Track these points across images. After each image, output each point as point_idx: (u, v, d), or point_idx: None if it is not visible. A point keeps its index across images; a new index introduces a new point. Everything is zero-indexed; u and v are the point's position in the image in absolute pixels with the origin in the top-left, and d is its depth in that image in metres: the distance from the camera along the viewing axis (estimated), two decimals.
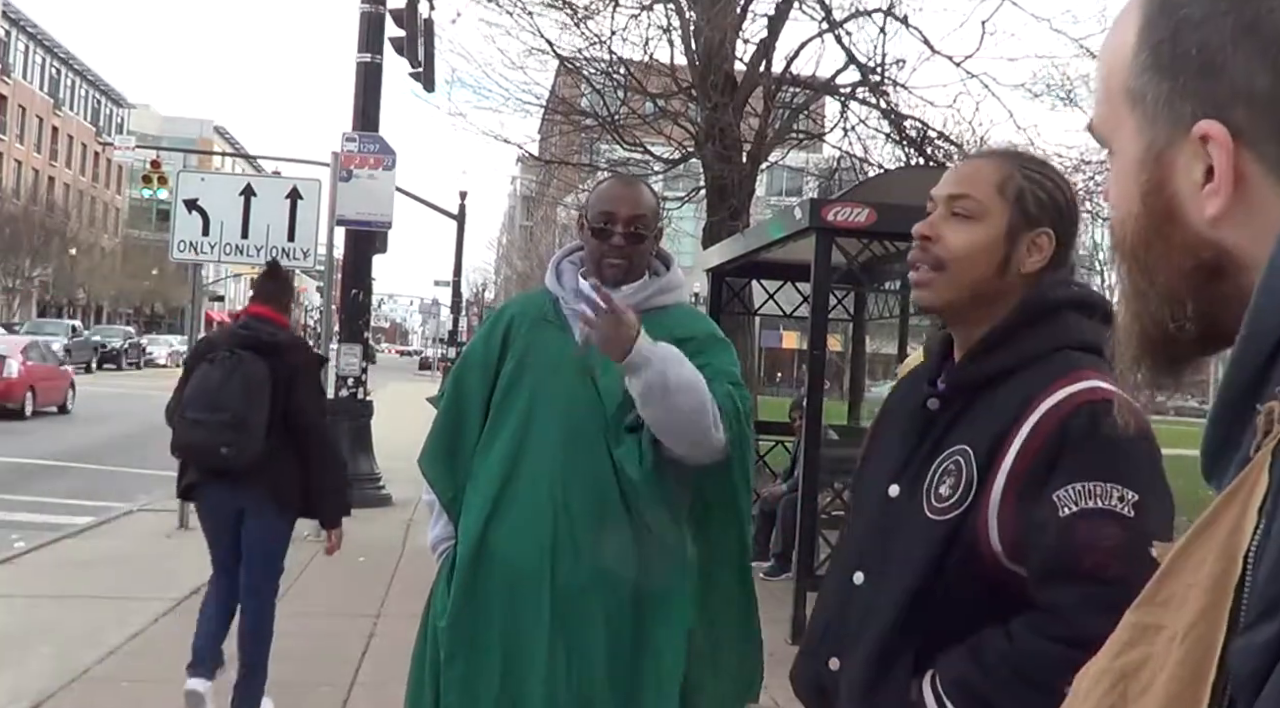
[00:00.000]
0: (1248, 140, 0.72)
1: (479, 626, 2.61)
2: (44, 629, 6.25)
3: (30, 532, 9.42)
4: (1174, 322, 0.77)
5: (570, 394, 2.62)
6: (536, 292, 2.88)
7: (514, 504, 2.61)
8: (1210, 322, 0.75)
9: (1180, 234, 0.75)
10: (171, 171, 18.83)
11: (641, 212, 2.70)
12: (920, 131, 13.84)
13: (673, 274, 2.81)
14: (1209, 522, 0.69)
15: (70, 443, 16.53)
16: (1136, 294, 0.79)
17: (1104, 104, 0.80)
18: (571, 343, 2.63)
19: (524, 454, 2.62)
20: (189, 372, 4.82)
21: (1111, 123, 0.79)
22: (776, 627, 6.80)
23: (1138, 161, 0.77)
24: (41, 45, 62.97)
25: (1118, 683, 0.74)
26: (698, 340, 2.66)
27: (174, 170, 13.84)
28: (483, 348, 2.78)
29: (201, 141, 70.73)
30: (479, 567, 2.62)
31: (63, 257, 57.15)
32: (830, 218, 6.59)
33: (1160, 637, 0.71)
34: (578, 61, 14.99)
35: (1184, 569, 0.71)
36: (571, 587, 2.56)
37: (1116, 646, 0.76)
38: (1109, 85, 0.79)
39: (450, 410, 2.79)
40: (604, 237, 2.67)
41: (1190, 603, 0.69)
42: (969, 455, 1.57)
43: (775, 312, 10.58)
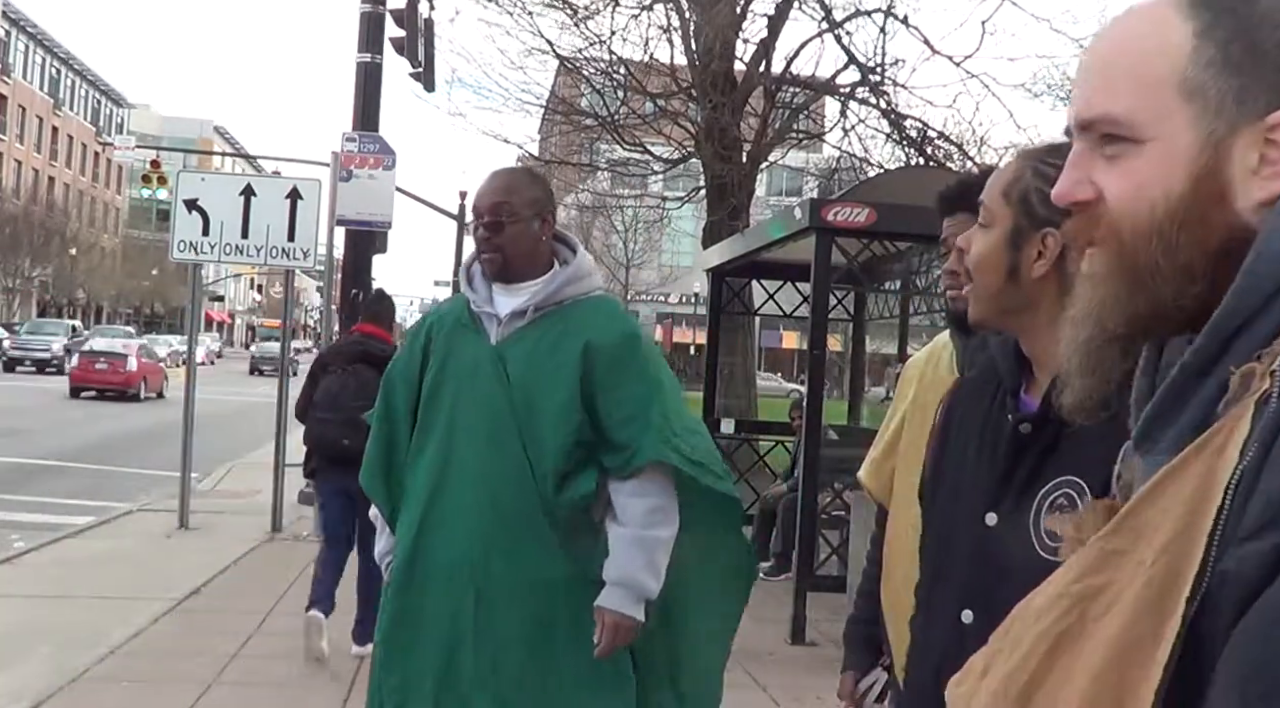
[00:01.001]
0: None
1: (415, 633, 2.63)
2: (44, 629, 6.24)
3: (30, 532, 9.42)
4: (1175, 300, 0.84)
5: (488, 397, 2.62)
6: (457, 298, 2.86)
7: (444, 510, 2.62)
8: (1203, 304, 0.82)
9: (1221, 215, 0.82)
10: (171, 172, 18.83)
11: (502, 199, 2.65)
12: (920, 131, 13.83)
13: (580, 262, 2.76)
14: (1179, 466, 0.77)
15: (70, 443, 16.52)
16: (1146, 270, 0.84)
17: (1140, 96, 0.85)
18: (486, 345, 2.65)
19: (450, 460, 2.63)
20: (314, 379, 6.00)
21: (1152, 113, 0.84)
22: (776, 627, 6.80)
23: (1192, 148, 0.83)
24: (41, 45, 62.95)
25: (1075, 605, 0.79)
26: (615, 347, 2.63)
27: (174, 170, 13.83)
28: (405, 360, 2.79)
29: (201, 141, 70.71)
30: (413, 575, 2.64)
31: (63, 257, 57.15)
32: (830, 218, 6.59)
33: (1125, 561, 0.77)
34: (578, 61, 14.99)
35: (1154, 504, 0.77)
36: (506, 586, 2.57)
37: (1075, 571, 0.81)
38: (1150, 78, 0.85)
39: (382, 426, 2.79)
40: (474, 232, 2.69)
41: (1163, 529, 0.75)
42: (1083, 490, 1.44)
43: (775, 312, 10.57)
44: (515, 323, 2.66)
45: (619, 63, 14.73)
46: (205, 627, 6.44)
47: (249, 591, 7.36)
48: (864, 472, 2.39)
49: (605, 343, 2.63)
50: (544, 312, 2.66)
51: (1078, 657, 0.77)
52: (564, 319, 2.66)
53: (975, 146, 13.78)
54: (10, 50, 58.61)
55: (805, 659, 6.36)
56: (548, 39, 14.71)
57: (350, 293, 11.64)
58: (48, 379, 32.34)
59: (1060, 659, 0.79)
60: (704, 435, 2.79)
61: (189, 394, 9.65)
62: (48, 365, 35.07)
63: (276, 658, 5.87)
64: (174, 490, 10.08)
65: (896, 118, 13.86)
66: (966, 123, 14.35)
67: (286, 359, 9.98)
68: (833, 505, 7.71)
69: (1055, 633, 0.80)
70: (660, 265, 43.80)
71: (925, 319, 10.56)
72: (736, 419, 11.33)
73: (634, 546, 2.57)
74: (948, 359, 2.24)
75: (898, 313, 10.42)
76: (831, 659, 6.40)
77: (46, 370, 34.61)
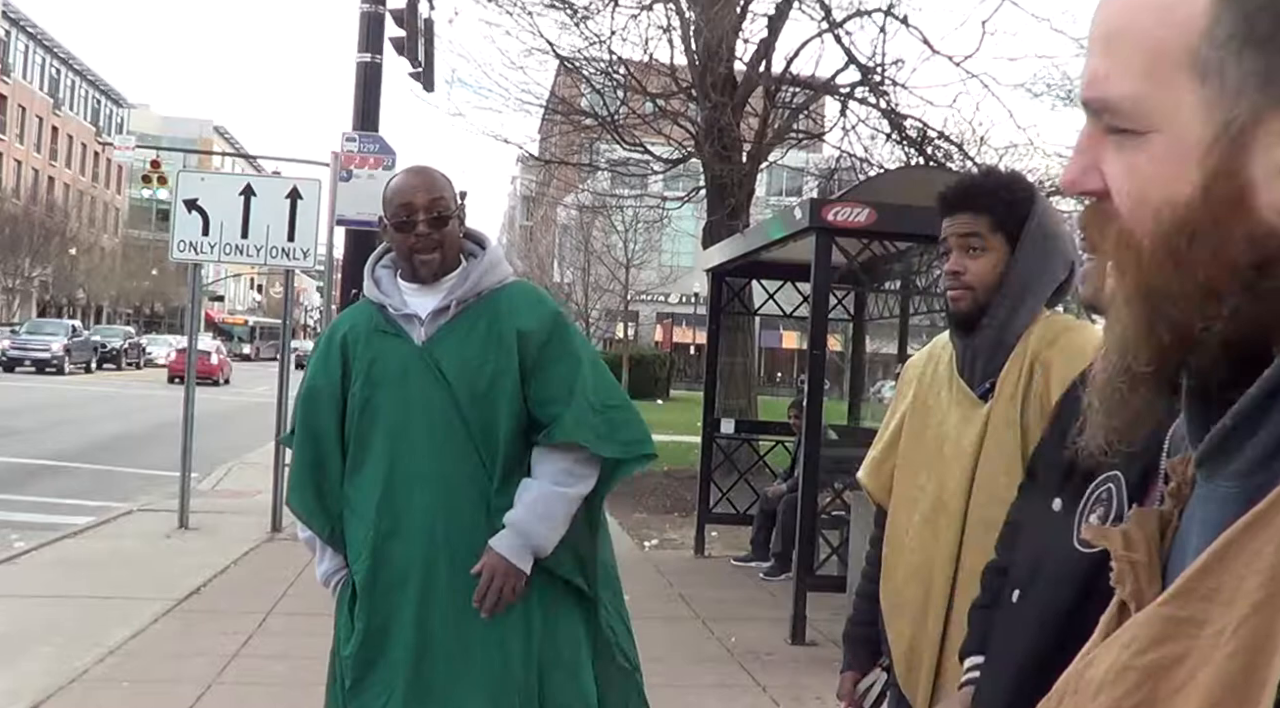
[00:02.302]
0: None
1: (385, 649, 2.61)
2: (44, 629, 6.24)
3: (30, 532, 9.41)
4: (1205, 325, 0.69)
5: (425, 399, 2.60)
6: (360, 305, 2.81)
7: (398, 518, 2.60)
8: (1242, 325, 0.69)
9: (1244, 224, 0.68)
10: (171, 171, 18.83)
11: (438, 194, 2.65)
12: (920, 131, 13.83)
13: (489, 252, 2.76)
14: (1257, 521, 0.64)
15: (70, 443, 16.52)
16: (1161, 294, 0.70)
17: (1142, 75, 0.70)
18: (412, 347, 2.63)
19: (396, 469, 2.61)
20: None
21: (1156, 96, 0.69)
22: (776, 626, 6.80)
23: (1205, 141, 0.68)
24: (41, 45, 62.95)
25: (1144, 682, 0.67)
26: (543, 329, 2.65)
27: (174, 170, 13.82)
28: (323, 373, 2.72)
29: (201, 141, 70.71)
30: (377, 587, 2.62)
31: (63, 257, 57.14)
32: (830, 218, 6.59)
33: (1203, 632, 0.65)
34: (578, 61, 14.99)
35: (1234, 562, 0.65)
36: (469, 589, 2.56)
37: (1141, 641, 0.69)
38: (1156, 51, 0.69)
39: (306, 445, 2.72)
40: (408, 229, 2.63)
41: (1243, 595, 0.63)
42: (1120, 483, 1.45)
43: (775, 312, 10.57)
44: (439, 320, 2.64)
45: (619, 63, 14.73)
46: (205, 627, 6.43)
47: (249, 591, 7.36)
48: (863, 472, 2.39)
49: (535, 327, 2.65)
50: (466, 305, 2.66)
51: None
52: (488, 309, 2.65)
53: (975, 146, 13.78)
54: (10, 50, 58.59)
55: (805, 659, 6.36)
56: (548, 39, 14.73)
57: (350, 293, 11.65)
58: (47, 379, 32.35)
59: None
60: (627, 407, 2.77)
61: (189, 394, 9.65)
62: (47, 365, 35.08)
63: (276, 658, 5.87)
64: (174, 490, 10.08)
65: (896, 118, 13.86)
66: (966, 123, 14.32)
67: (287, 359, 9.96)
68: (833, 505, 7.71)
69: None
70: (660, 265, 43.74)
71: (925, 319, 10.56)
72: (736, 419, 11.34)
73: (538, 498, 2.57)
74: (947, 359, 2.24)
75: (898, 313, 10.42)
76: (831, 659, 6.40)
77: (46, 370, 34.62)
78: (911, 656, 2.14)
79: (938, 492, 2.15)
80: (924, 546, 2.15)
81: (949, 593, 2.10)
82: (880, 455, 2.34)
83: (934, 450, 2.18)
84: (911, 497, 2.22)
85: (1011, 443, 2.07)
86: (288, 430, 2.87)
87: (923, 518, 2.17)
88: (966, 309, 2.13)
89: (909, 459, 2.25)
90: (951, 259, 2.14)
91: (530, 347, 2.61)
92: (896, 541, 2.23)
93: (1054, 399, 2.05)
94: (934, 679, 2.11)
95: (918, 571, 2.15)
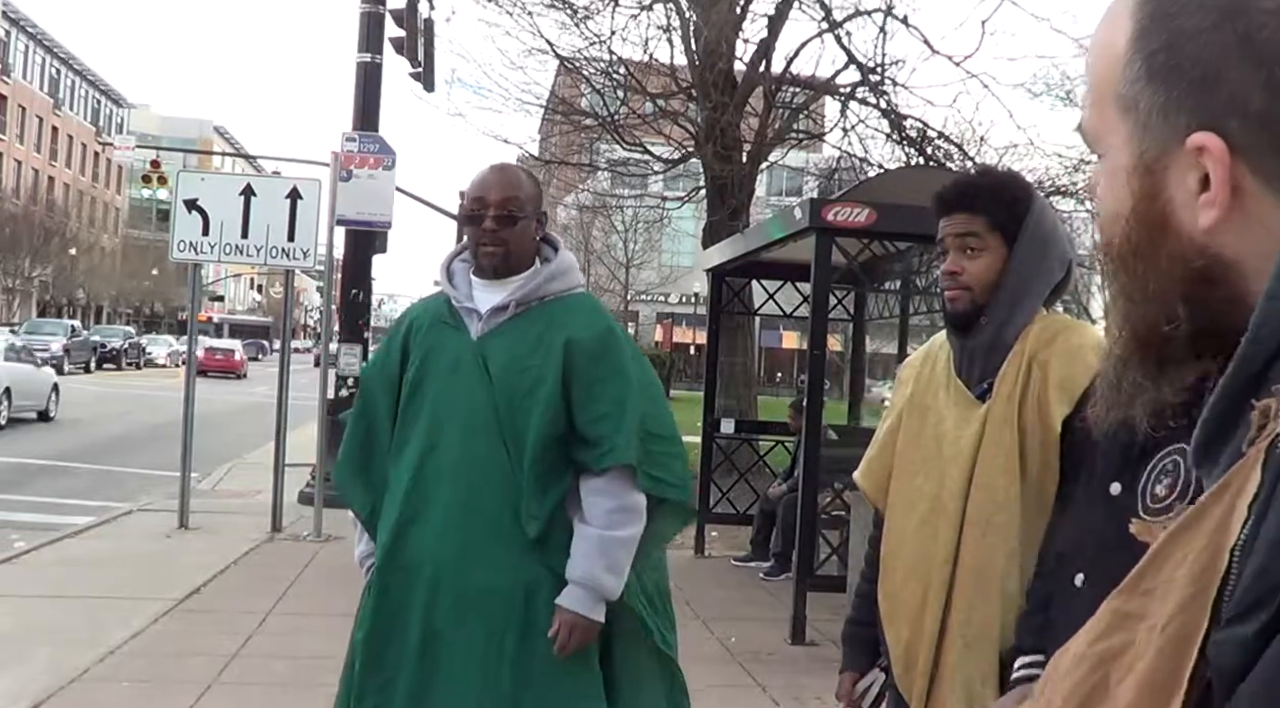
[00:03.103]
0: (1244, 153, 0.72)
1: (394, 636, 2.62)
2: (44, 629, 6.24)
3: (30, 532, 9.42)
4: (1168, 323, 0.77)
5: (469, 393, 2.61)
6: (436, 296, 2.86)
7: (422, 507, 2.62)
8: (1206, 321, 0.75)
9: (1172, 242, 0.75)
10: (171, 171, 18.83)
11: (513, 194, 2.67)
12: (920, 131, 13.83)
13: (561, 258, 2.78)
14: (1196, 515, 0.70)
15: (70, 443, 16.53)
16: (1125, 296, 0.79)
17: (1094, 107, 0.79)
18: (468, 340, 2.65)
19: (430, 459, 2.62)
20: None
21: (1102, 127, 0.78)
22: (776, 626, 6.80)
23: (1128, 169, 0.76)
24: (41, 45, 62.94)
25: (1098, 667, 0.74)
26: (593, 341, 2.65)
27: (174, 170, 13.83)
28: (384, 357, 2.79)
29: (201, 141, 70.72)
30: (392, 576, 2.63)
31: (63, 257, 57.12)
32: (830, 218, 6.59)
33: (1141, 625, 0.72)
34: (578, 61, 14.99)
35: (1168, 561, 0.71)
36: (483, 588, 2.56)
37: (1095, 632, 0.76)
38: (1099, 90, 0.78)
39: (359, 423, 2.78)
40: (476, 222, 2.67)
41: (1173, 594, 0.69)
42: (1184, 453, 1.49)
43: (775, 312, 10.57)
44: (496, 318, 2.66)
45: (619, 63, 14.73)
46: (205, 627, 6.44)
47: (249, 591, 7.36)
48: (859, 473, 2.39)
49: (585, 338, 2.64)
50: (525, 307, 2.67)
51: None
52: (545, 315, 2.67)
53: (975, 146, 13.78)
54: (10, 50, 58.58)
55: (805, 659, 6.36)
56: (548, 39, 14.73)
57: (350, 293, 11.65)
58: None
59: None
60: (672, 439, 2.76)
61: (189, 394, 9.65)
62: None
63: (276, 658, 5.87)
64: (174, 490, 10.08)
65: (896, 118, 13.86)
66: (966, 123, 14.34)
67: (287, 359, 9.96)
68: (833, 505, 7.71)
69: (1080, 694, 0.76)
70: (660, 265, 43.77)
71: (925, 319, 10.56)
72: (736, 419, 11.34)
73: (596, 546, 2.57)
74: (945, 359, 2.24)
75: (898, 313, 10.42)
76: (831, 659, 6.40)
77: None
78: (908, 655, 2.14)
79: (935, 492, 2.15)
80: (921, 546, 2.15)
81: (946, 593, 2.10)
82: (876, 456, 2.34)
83: (932, 451, 2.18)
84: (909, 497, 2.22)
85: (1009, 443, 2.07)
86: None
87: (920, 518, 2.17)
88: (964, 309, 2.13)
89: (906, 460, 2.24)
90: (949, 259, 2.14)
91: (576, 357, 2.61)
92: (894, 541, 2.24)
93: (1052, 399, 2.05)
94: (930, 679, 2.11)
95: (915, 570, 2.15)
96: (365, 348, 11.71)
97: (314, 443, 10.03)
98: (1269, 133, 0.71)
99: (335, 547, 8.95)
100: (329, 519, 9.45)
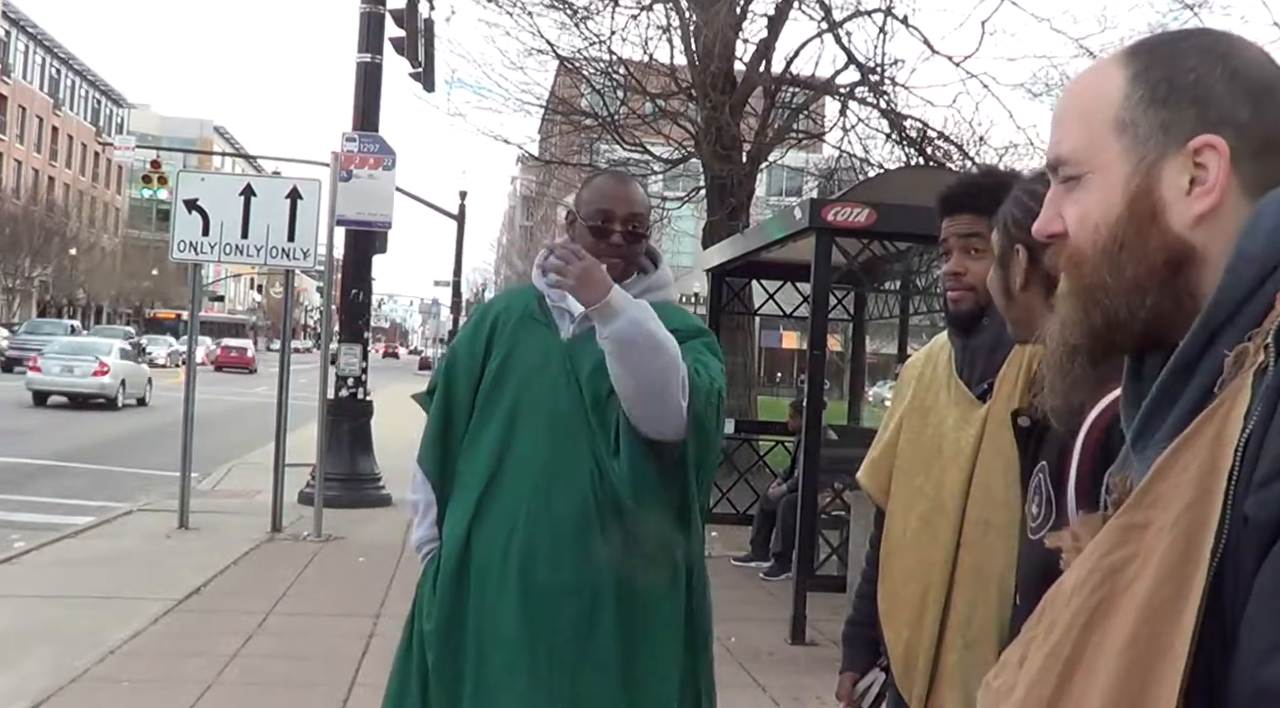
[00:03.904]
0: (1231, 159, 0.91)
1: (461, 630, 2.59)
2: (44, 629, 6.24)
3: (30, 532, 9.41)
4: (1129, 313, 0.94)
5: (554, 392, 2.59)
6: (524, 287, 2.85)
7: (496, 506, 2.59)
8: (1158, 315, 0.93)
9: (1158, 233, 0.93)
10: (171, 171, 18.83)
11: (638, 210, 2.70)
12: (920, 131, 13.84)
13: (661, 272, 2.80)
14: (1186, 441, 0.84)
15: (70, 443, 16.52)
16: (1098, 288, 0.95)
17: (1082, 136, 0.98)
18: (557, 340, 2.62)
19: (508, 454, 2.60)
20: None
21: (1091, 149, 0.97)
22: (776, 627, 6.80)
23: (1126, 174, 0.95)
24: (41, 45, 62.94)
25: (1105, 580, 0.85)
26: (682, 333, 2.62)
27: (174, 170, 13.83)
28: (469, 344, 2.76)
29: (201, 141, 70.75)
30: (463, 570, 2.61)
31: (63, 257, 57.11)
32: (830, 218, 6.59)
33: (1146, 533, 0.83)
34: (577, 61, 15.00)
35: (1166, 477, 0.84)
36: (551, 590, 2.52)
37: (1102, 547, 0.87)
38: (1091, 120, 0.97)
39: (441, 408, 2.76)
40: (603, 235, 2.65)
41: (1179, 496, 0.82)
42: (1046, 472, 1.60)
43: (775, 312, 10.58)
44: (589, 322, 2.60)
45: (619, 63, 14.74)
46: (205, 627, 6.44)
47: (249, 591, 7.36)
48: (862, 472, 2.39)
49: (680, 327, 2.61)
50: None
51: (1111, 627, 0.82)
52: None
53: (975, 146, 13.79)
54: (10, 50, 58.59)
55: (805, 659, 6.36)
56: (547, 39, 14.75)
57: (350, 293, 11.65)
58: None
59: (1095, 632, 0.84)
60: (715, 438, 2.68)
61: (189, 394, 9.65)
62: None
63: (276, 658, 5.87)
64: (174, 490, 10.08)
65: (896, 118, 13.87)
66: (966, 123, 14.33)
67: (287, 359, 9.96)
68: (833, 505, 7.71)
69: (1089, 608, 0.84)
70: None
71: (925, 319, 10.56)
72: (736, 419, 11.34)
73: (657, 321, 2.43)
74: (945, 360, 2.24)
75: (898, 313, 10.42)
76: (831, 659, 6.40)
77: None
78: (908, 655, 2.14)
79: (935, 492, 2.15)
80: (921, 546, 2.15)
81: (946, 593, 2.10)
82: (879, 456, 2.34)
83: (932, 451, 2.18)
84: (909, 497, 2.22)
85: (1009, 444, 2.07)
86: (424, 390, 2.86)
87: (920, 518, 2.17)
88: (967, 310, 2.13)
89: (907, 460, 2.24)
90: (952, 260, 2.13)
91: None
92: (894, 541, 2.24)
93: None
94: (930, 679, 2.11)
95: (915, 571, 2.15)
96: (365, 348, 11.72)
97: (314, 443, 10.03)
98: (1251, 144, 0.92)
99: (335, 547, 8.96)
100: (329, 519, 9.45)
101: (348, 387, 11.45)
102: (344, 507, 10.34)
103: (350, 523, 9.79)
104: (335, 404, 10.98)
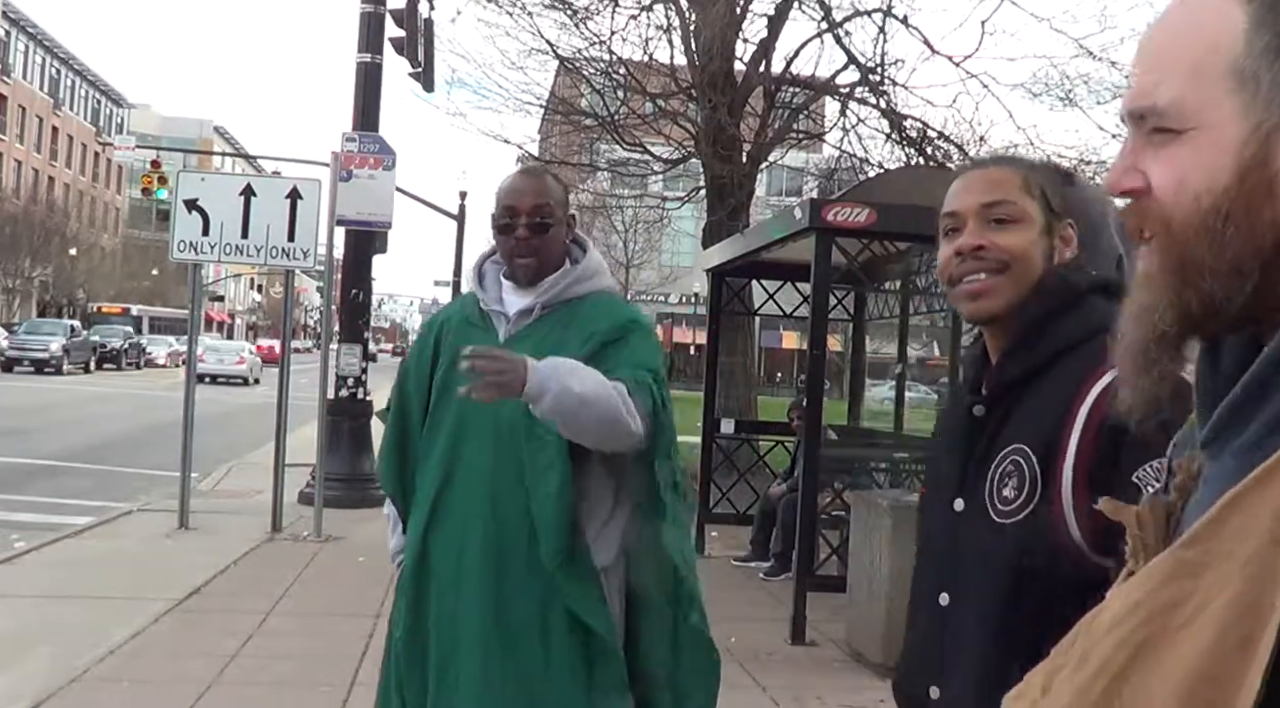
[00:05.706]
0: None
1: (424, 636, 2.62)
2: (44, 629, 6.24)
3: (30, 532, 9.41)
4: (1227, 297, 0.81)
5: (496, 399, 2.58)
6: (468, 295, 2.85)
7: (449, 514, 2.61)
8: (1257, 302, 0.80)
9: (1272, 209, 0.79)
10: (171, 171, 18.83)
11: (544, 201, 2.66)
12: (920, 131, 13.85)
13: (589, 261, 2.77)
14: (1265, 474, 0.72)
15: (70, 443, 16.51)
16: (1193, 268, 0.81)
17: (1188, 85, 0.82)
18: (495, 343, 2.61)
19: (457, 462, 2.62)
20: None
21: (1200, 101, 0.81)
22: (776, 626, 6.80)
23: (1240, 139, 0.80)
24: (41, 45, 62.94)
25: (1156, 615, 0.75)
26: (614, 330, 2.62)
27: (174, 170, 13.83)
28: (417, 356, 2.80)
29: (201, 141, 70.72)
30: (423, 578, 2.63)
31: (63, 257, 57.07)
32: (830, 218, 6.59)
33: (1208, 571, 0.73)
34: (578, 62, 15.01)
35: (1236, 515, 0.73)
36: (504, 595, 2.54)
37: (1154, 580, 0.76)
38: (1202, 65, 0.81)
39: (396, 422, 2.80)
40: (508, 231, 2.65)
41: (1254, 535, 0.71)
42: (1027, 453, 1.55)
43: (775, 312, 10.57)
44: (522, 321, 2.66)
45: (619, 63, 14.74)
46: (205, 627, 6.44)
47: (249, 591, 7.36)
48: None
49: (606, 327, 2.63)
50: (551, 309, 2.66)
51: (1159, 666, 0.74)
52: (571, 315, 2.66)
53: (975, 146, 13.78)
54: (10, 50, 58.59)
55: (805, 659, 6.36)
56: (548, 39, 14.75)
57: (350, 293, 11.65)
58: (46, 379, 32.34)
59: (1139, 669, 0.75)
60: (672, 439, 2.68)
61: (189, 394, 9.65)
62: (46, 365, 34.99)
63: (276, 658, 5.87)
64: (174, 490, 10.08)
65: (896, 118, 13.87)
66: (966, 123, 14.32)
67: (287, 359, 9.96)
68: (833, 506, 7.71)
69: (1135, 642, 0.76)
70: (660, 265, 43.79)
71: (925, 319, 10.56)
72: (736, 419, 11.34)
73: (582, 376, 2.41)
74: None
75: (898, 313, 10.42)
76: (831, 659, 6.41)
77: (45, 371, 34.56)
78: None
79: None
80: None
81: None
82: None
83: None
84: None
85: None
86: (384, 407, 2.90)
87: None
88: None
89: None
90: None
91: (598, 342, 2.58)
92: None
93: None
94: None
95: None
96: (365, 348, 11.72)
97: (314, 443, 10.03)
98: None
99: (335, 547, 8.96)
100: (329, 519, 9.45)
101: (347, 387, 11.45)
102: (344, 507, 10.33)
103: (350, 523, 9.79)
104: (335, 404, 10.98)
